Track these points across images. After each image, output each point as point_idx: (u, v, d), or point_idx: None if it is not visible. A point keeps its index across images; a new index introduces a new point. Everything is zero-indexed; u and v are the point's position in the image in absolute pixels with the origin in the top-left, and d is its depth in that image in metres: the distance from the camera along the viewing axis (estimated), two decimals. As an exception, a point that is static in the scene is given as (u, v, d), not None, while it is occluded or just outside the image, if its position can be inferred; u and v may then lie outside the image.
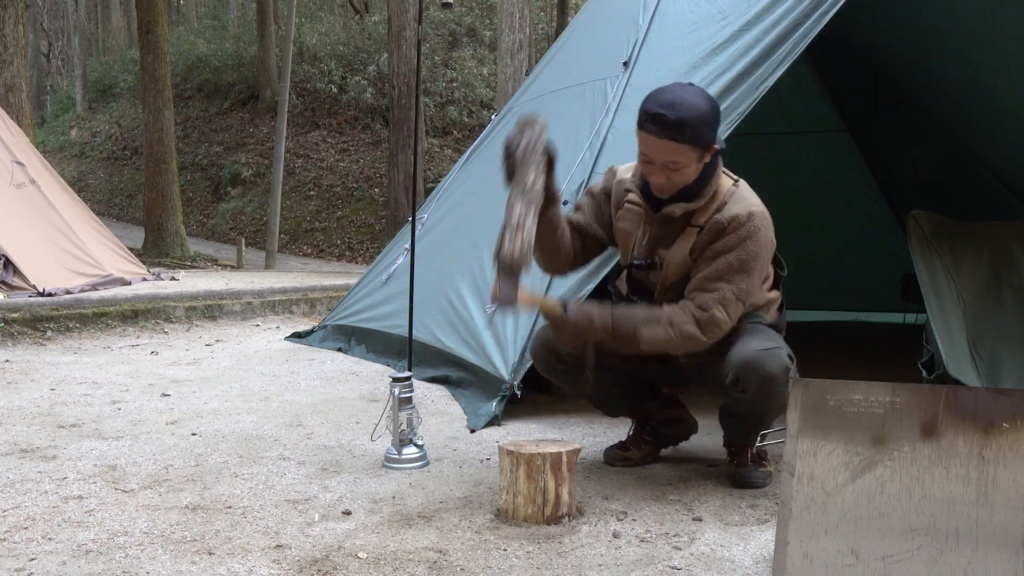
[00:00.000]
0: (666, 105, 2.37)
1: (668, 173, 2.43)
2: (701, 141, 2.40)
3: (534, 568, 2.02)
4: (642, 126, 2.41)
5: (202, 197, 18.72)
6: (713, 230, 2.48)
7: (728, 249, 2.45)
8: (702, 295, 2.46)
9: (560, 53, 5.20)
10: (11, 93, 9.83)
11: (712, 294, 2.44)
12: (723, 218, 2.47)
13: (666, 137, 2.37)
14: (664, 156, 2.40)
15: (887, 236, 5.95)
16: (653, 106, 2.39)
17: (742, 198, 2.52)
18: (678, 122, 2.35)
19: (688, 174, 2.44)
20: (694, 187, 2.48)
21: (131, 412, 3.56)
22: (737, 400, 2.52)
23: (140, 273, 7.82)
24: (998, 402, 1.72)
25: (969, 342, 3.52)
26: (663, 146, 2.38)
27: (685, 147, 2.38)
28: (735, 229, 2.45)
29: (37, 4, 26.29)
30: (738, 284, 2.46)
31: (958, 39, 4.36)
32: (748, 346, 2.46)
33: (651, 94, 2.45)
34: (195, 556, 2.07)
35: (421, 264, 3.61)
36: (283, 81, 13.61)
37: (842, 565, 1.72)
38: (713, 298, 2.44)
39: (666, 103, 2.37)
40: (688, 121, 2.36)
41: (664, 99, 2.39)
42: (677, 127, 2.35)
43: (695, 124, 2.37)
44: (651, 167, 2.44)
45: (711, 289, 2.45)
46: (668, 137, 2.37)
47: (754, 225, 2.46)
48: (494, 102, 14.03)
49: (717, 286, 2.45)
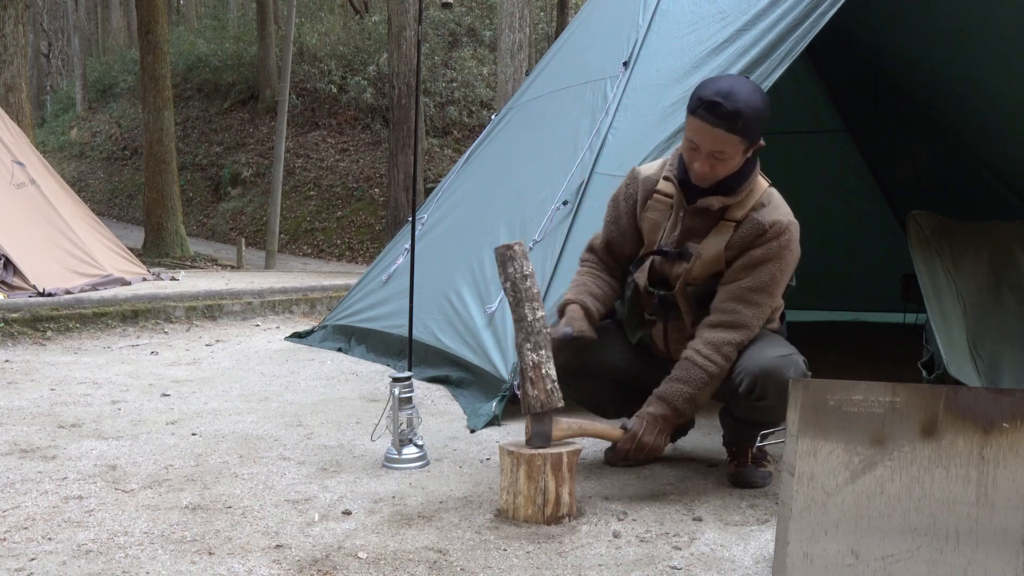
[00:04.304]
0: (723, 94, 2.36)
1: (713, 162, 2.43)
2: (751, 135, 2.41)
3: (534, 568, 2.02)
4: (695, 112, 2.41)
5: (202, 197, 18.71)
6: (753, 230, 2.48)
7: (769, 258, 2.47)
8: (739, 306, 2.47)
9: (560, 53, 5.20)
10: (11, 93, 9.82)
11: (754, 308, 2.48)
12: (764, 220, 2.47)
13: (720, 126, 2.37)
14: (713, 144, 2.40)
15: (887, 236, 5.95)
16: (709, 93, 2.38)
17: (780, 204, 2.54)
18: (734, 112, 2.35)
19: (732, 166, 2.45)
20: (732, 181, 2.48)
21: (131, 412, 3.56)
22: (753, 408, 2.50)
23: (140, 273, 7.82)
24: (998, 402, 1.72)
25: (969, 342, 3.52)
26: (714, 134, 2.38)
27: (735, 138, 2.38)
28: (776, 236, 2.47)
29: (37, 4, 26.29)
30: (775, 297, 2.52)
31: (958, 39, 4.36)
32: (764, 353, 2.45)
33: (707, 81, 2.46)
34: (195, 556, 2.07)
35: (421, 264, 3.61)
36: (283, 81, 13.60)
37: (842, 565, 1.72)
38: (755, 315, 2.48)
39: (723, 92, 2.37)
40: (743, 113, 2.36)
41: (721, 88, 2.38)
42: (732, 117, 2.36)
43: (749, 117, 2.37)
44: (696, 154, 2.44)
45: (750, 301, 2.47)
46: (722, 127, 2.37)
47: (792, 236, 2.49)
48: (494, 102, 14.03)
49: (759, 300, 2.48)
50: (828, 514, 1.74)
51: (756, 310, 2.48)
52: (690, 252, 2.54)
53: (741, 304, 2.48)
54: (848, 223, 6.17)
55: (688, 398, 2.47)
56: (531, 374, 2.33)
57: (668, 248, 2.58)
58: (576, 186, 3.80)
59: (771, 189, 2.57)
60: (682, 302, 2.59)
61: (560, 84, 4.68)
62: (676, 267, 2.58)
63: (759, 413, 2.51)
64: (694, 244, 2.55)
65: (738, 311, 2.48)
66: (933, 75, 4.96)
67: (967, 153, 5.23)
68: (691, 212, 2.56)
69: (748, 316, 2.48)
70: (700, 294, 2.56)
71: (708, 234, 2.54)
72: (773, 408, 2.44)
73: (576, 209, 3.73)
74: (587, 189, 3.75)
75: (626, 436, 2.50)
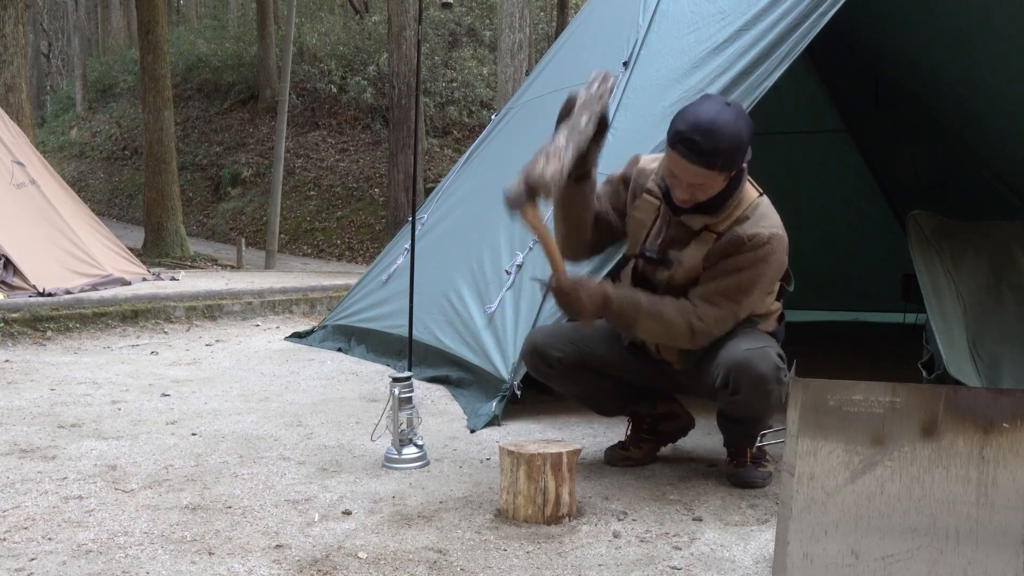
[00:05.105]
0: (702, 130, 2.30)
1: (693, 191, 2.41)
2: (731, 167, 2.37)
3: (534, 568, 2.02)
4: (673, 146, 2.36)
5: (202, 197, 18.71)
6: (732, 243, 2.46)
7: (741, 267, 2.45)
8: (706, 307, 2.46)
9: (560, 53, 5.20)
10: (11, 93, 9.82)
11: (715, 309, 2.46)
12: (744, 233, 2.45)
13: (697, 164, 2.33)
14: (692, 179, 2.38)
15: (887, 236, 5.94)
16: (687, 129, 2.33)
17: (765, 216, 2.49)
18: (712, 151, 2.31)
19: (713, 191, 2.42)
20: (717, 201, 2.46)
21: (131, 412, 3.56)
22: (730, 403, 2.52)
23: (140, 273, 7.81)
24: (998, 402, 1.72)
25: (969, 342, 3.52)
26: (692, 170, 2.35)
27: (714, 173, 2.36)
28: (753, 248, 2.44)
29: (37, 4, 26.28)
30: (741, 304, 2.49)
31: (958, 39, 4.36)
32: (738, 346, 2.46)
33: (686, 112, 2.39)
34: (195, 556, 2.07)
35: (421, 264, 3.61)
36: (283, 81, 13.60)
37: (842, 565, 1.72)
38: (714, 315, 2.46)
39: (702, 128, 2.31)
40: (722, 151, 2.32)
41: (701, 121, 2.32)
42: (710, 156, 2.31)
43: (727, 152, 2.33)
44: (676, 182, 2.42)
45: (715, 303, 2.46)
46: (699, 164, 2.33)
47: (771, 248, 2.45)
48: (494, 102, 14.03)
49: (721, 303, 2.46)
50: (828, 514, 1.74)
51: (716, 311, 2.46)
52: (671, 259, 2.54)
53: (705, 303, 2.47)
54: (848, 223, 6.17)
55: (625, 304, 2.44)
56: (550, 151, 2.22)
57: (651, 254, 2.58)
58: (576, 186, 3.79)
59: (760, 199, 2.52)
60: None
61: (560, 84, 4.66)
62: (659, 273, 2.58)
63: (738, 408, 2.52)
64: (676, 252, 2.54)
65: (699, 305, 2.47)
66: (933, 75, 4.95)
67: (967, 153, 5.23)
68: (675, 223, 2.54)
69: (707, 313, 2.45)
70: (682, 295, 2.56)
71: (690, 243, 2.53)
72: (749, 403, 2.46)
73: (576, 209, 3.72)
74: (587, 189, 3.74)
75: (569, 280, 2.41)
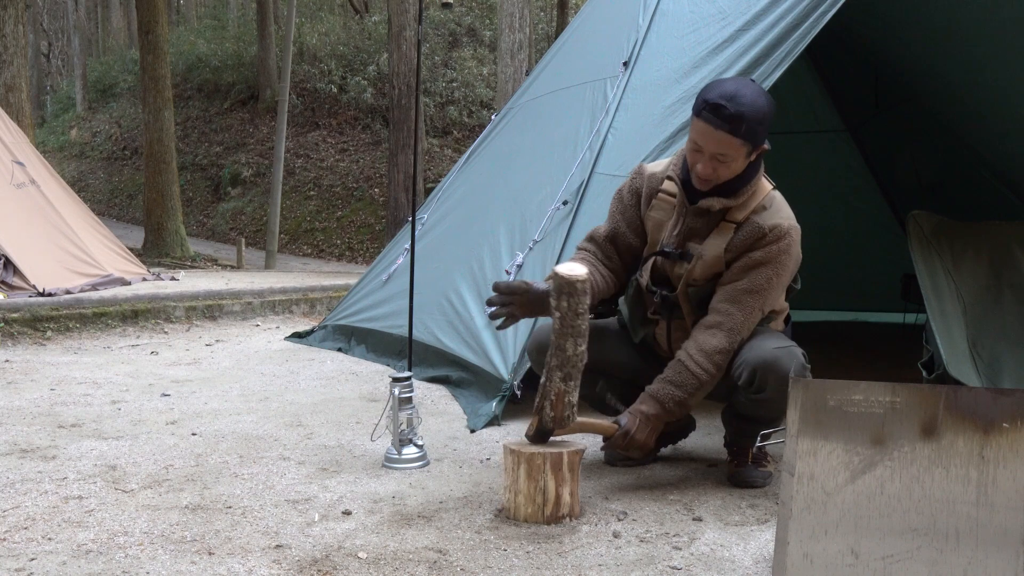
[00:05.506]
0: (727, 97, 2.37)
1: (715, 164, 2.44)
2: (754, 138, 2.41)
3: (534, 568, 2.02)
4: (699, 114, 2.41)
5: (202, 197, 18.71)
6: (753, 233, 2.49)
7: (766, 261, 2.48)
8: (733, 312, 2.49)
9: (560, 53, 5.20)
10: (11, 93, 9.82)
11: (741, 311, 2.49)
12: (764, 224, 2.49)
13: (723, 129, 2.38)
14: (716, 147, 2.41)
15: (887, 236, 5.95)
16: (714, 96, 2.39)
17: (782, 207, 2.55)
18: (737, 115, 2.36)
19: (734, 168, 2.45)
20: (735, 184, 2.49)
21: (131, 412, 3.56)
22: (752, 401, 2.51)
23: (140, 273, 7.81)
24: (998, 402, 1.72)
25: (969, 342, 3.52)
26: (717, 137, 2.39)
27: (738, 141, 2.39)
28: (775, 240, 2.48)
29: (37, 4, 26.29)
30: (767, 299, 2.52)
31: (958, 39, 4.36)
32: (764, 345, 2.48)
33: (712, 83, 2.47)
34: (195, 556, 2.07)
35: (421, 264, 3.61)
36: (283, 81, 13.61)
37: (842, 565, 1.72)
38: (742, 317, 2.49)
39: (728, 95, 2.38)
40: (747, 117, 2.37)
41: (726, 90, 2.39)
42: (735, 120, 2.36)
43: (753, 121, 2.38)
44: (699, 155, 2.45)
45: (740, 303, 2.49)
46: (725, 129, 2.38)
47: (792, 240, 2.50)
48: (494, 102, 14.03)
49: (746, 301, 2.49)
50: (828, 514, 1.74)
51: (748, 314, 2.50)
52: (691, 253, 2.56)
53: (735, 307, 2.50)
54: (848, 223, 6.17)
55: (679, 401, 2.51)
56: (552, 398, 2.33)
57: (670, 248, 2.59)
58: (576, 186, 3.80)
59: (774, 192, 2.57)
60: (684, 304, 2.60)
61: (560, 84, 4.68)
62: (678, 268, 2.59)
63: (760, 407, 2.52)
64: (695, 245, 2.56)
65: (732, 313, 2.50)
66: (933, 75, 4.95)
67: (967, 153, 5.23)
68: (693, 212, 2.56)
69: (739, 320, 2.50)
70: (701, 295, 2.57)
71: (709, 235, 2.55)
72: (772, 401, 2.46)
73: (576, 209, 3.72)
74: (587, 189, 3.75)
75: (619, 432, 2.52)
